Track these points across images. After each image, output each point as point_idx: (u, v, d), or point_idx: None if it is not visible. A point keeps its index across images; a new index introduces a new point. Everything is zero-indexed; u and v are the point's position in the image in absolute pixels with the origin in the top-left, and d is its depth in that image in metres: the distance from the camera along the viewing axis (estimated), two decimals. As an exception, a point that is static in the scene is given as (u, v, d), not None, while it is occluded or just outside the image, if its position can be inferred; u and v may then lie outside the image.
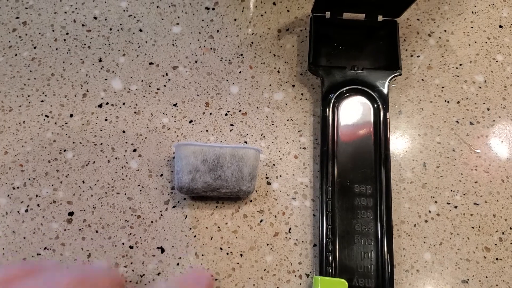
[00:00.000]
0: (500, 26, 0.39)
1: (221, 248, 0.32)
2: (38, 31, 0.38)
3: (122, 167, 0.34)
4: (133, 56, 0.37)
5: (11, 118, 0.35)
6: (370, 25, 0.37)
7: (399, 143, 0.35)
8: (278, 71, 0.37)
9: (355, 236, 0.31)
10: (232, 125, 0.35)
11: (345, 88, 0.34)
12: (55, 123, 0.35)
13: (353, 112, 0.34)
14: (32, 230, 0.32)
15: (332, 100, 0.34)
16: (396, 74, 0.35)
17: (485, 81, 0.37)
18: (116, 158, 0.34)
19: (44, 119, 0.35)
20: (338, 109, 0.34)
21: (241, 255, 0.32)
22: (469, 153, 0.35)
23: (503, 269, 0.32)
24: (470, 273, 0.32)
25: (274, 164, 0.34)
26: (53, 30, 0.38)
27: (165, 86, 0.36)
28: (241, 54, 0.37)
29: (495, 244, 0.33)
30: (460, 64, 0.38)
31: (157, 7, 0.39)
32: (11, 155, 0.34)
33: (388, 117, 0.34)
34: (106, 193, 0.33)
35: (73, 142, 0.34)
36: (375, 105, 0.34)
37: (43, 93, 0.36)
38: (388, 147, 0.33)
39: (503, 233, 0.33)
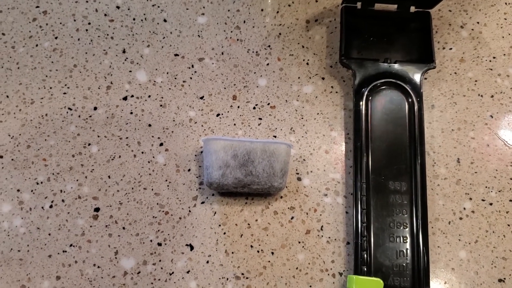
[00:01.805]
0: (534, 18, 0.38)
1: (251, 246, 0.31)
2: (59, 21, 0.37)
3: (149, 162, 0.33)
4: (157, 47, 0.36)
5: (33, 111, 0.34)
6: (402, 16, 0.36)
7: (432, 138, 0.34)
8: (307, 63, 0.36)
9: (390, 234, 0.31)
10: (260, 118, 0.34)
11: (379, 81, 0.33)
12: (79, 116, 0.34)
13: (387, 106, 0.33)
14: (57, 227, 0.31)
15: (365, 94, 0.33)
16: (430, 67, 0.34)
17: (520, 74, 0.36)
18: (142, 153, 0.33)
19: (67, 112, 0.34)
20: (371, 103, 0.33)
21: (272, 253, 0.31)
22: (504, 149, 0.34)
23: (541, 268, 0.31)
24: (507, 271, 0.31)
25: (304, 160, 0.33)
26: (74, 20, 0.37)
27: (191, 78, 0.35)
28: (269, 46, 0.36)
29: (532, 243, 0.32)
30: (494, 57, 0.37)
31: (181, -4, 0.38)
32: (34, 149, 0.33)
33: (422, 111, 0.33)
34: (132, 188, 0.32)
35: (98, 136, 0.33)
36: (409, 99, 0.33)
37: (65, 85, 0.35)
38: (423, 142, 0.32)
39: (540, 231, 0.32)
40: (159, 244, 0.31)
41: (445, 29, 0.37)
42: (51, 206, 0.32)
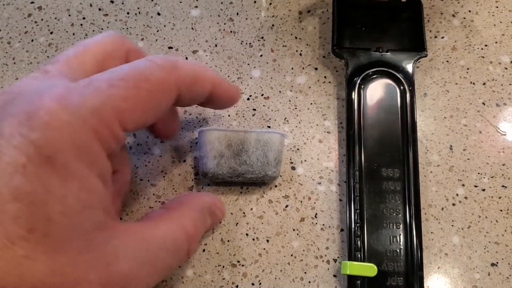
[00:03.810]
0: (526, 5, 0.38)
1: (247, 234, 0.32)
2: (54, 16, 0.37)
3: (145, 154, 0.33)
4: (152, 41, 0.36)
5: (30, 105, 0.34)
6: (393, 5, 0.36)
7: (425, 126, 0.35)
8: (300, 54, 0.36)
9: (383, 221, 0.31)
10: (254, 109, 0.35)
11: (371, 70, 0.34)
12: (75, 109, 0.34)
13: (379, 94, 0.34)
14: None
15: (358, 83, 0.33)
16: (422, 55, 0.34)
17: (511, 61, 0.36)
18: (138, 145, 0.34)
19: (63, 106, 0.34)
20: (364, 92, 0.33)
21: (267, 240, 0.32)
22: (496, 135, 0.35)
23: (533, 252, 0.32)
24: (499, 256, 0.32)
25: (298, 149, 0.34)
26: (69, 15, 0.37)
27: (185, 70, 0.36)
28: (262, 37, 0.37)
29: (525, 227, 0.32)
30: (486, 45, 0.37)
31: (175, -10, 0.38)
32: (31, 142, 0.33)
33: (414, 99, 0.33)
34: (129, 179, 0.33)
35: (94, 129, 0.34)
36: (401, 87, 0.33)
37: (61, 79, 0.35)
38: (415, 130, 0.33)
39: (532, 216, 0.33)
40: (156, 234, 0.32)
41: (436, 18, 0.38)
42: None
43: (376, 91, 0.34)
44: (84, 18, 0.37)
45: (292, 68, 0.36)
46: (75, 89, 0.20)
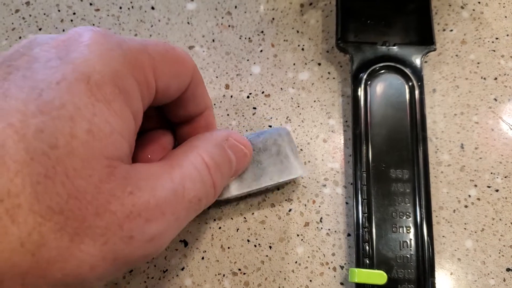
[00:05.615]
0: (538, -4, 0.36)
1: (248, 240, 0.30)
2: (43, 12, 0.35)
3: (139, 156, 0.32)
4: (145, 36, 0.34)
5: (17, 106, 0.32)
6: (400, -3, 0.34)
7: (435, 124, 0.33)
8: (302, 49, 0.34)
9: (392, 225, 0.29)
10: (254, 108, 0.33)
11: (377, 66, 0.32)
12: (65, 109, 0.32)
13: (386, 91, 0.32)
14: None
15: (364, 79, 0.32)
16: (431, 49, 0.32)
17: (524, 55, 0.35)
18: (132, 146, 0.32)
19: (53, 106, 0.33)
20: (370, 88, 0.32)
21: (270, 247, 0.30)
22: (509, 133, 0.33)
23: (551, 256, 0.30)
24: (515, 260, 0.30)
25: (301, 149, 0.32)
26: (58, 10, 0.35)
27: (181, 67, 0.34)
28: (262, 31, 0.35)
29: (541, 230, 0.31)
30: (496, 38, 0.35)
31: (169, -17, 0.36)
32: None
33: (423, 95, 0.31)
34: (123, 183, 0.31)
35: (85, 130, 0.32)
36: (410, 83, 0.32)
37: (50, 78, 0.33)
38: (425, 127, 0.31)
39: (549, 218, 0.31)
40: (152, 241, 0.30)
41: (445, 10, 0.36)
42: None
43: (383, 87, 0.32)
44: (74, 14, 0.35)
45: (294, 64, 0.34)
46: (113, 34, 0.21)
